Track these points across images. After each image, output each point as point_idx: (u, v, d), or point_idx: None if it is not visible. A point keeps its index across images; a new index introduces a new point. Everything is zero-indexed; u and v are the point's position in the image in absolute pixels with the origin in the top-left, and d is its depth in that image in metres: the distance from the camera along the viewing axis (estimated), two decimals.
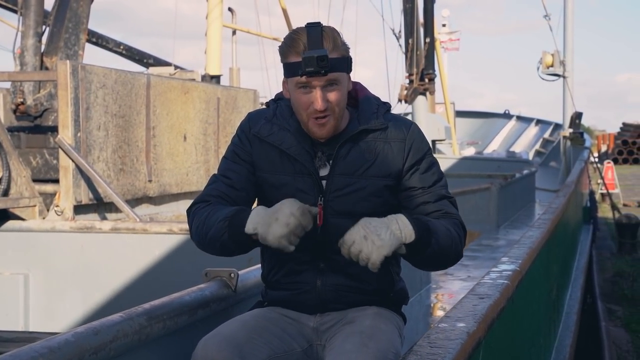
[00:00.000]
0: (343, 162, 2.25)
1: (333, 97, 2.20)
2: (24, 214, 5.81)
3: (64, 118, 5.64)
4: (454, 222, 2.25)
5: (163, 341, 2.00)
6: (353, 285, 2.27)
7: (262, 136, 2.29)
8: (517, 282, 3.06)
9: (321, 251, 2.26)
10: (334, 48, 2.19)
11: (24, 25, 7.57)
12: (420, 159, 2.29)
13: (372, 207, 2.24)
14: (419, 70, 13.46)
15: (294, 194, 2.22)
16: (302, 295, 2.26)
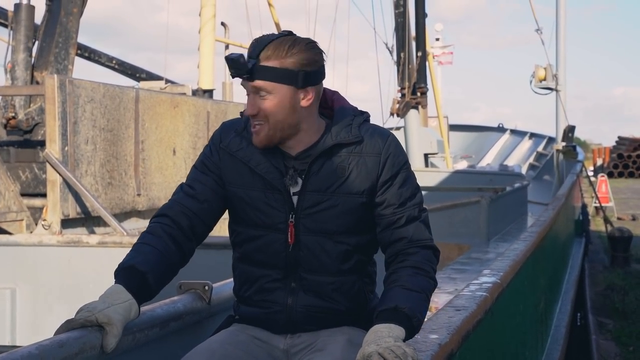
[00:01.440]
0: (315, 178, 2.19)
1: (262, 105, 2.15)
2: (11, 228, 5.81)
3: (52, 132, 5.65)
4: (423, 257, 2.17)
5: (133, 354, 2.00)
6: (324, 306, 2.21)
7: (231, 151, 2.25)
8: (496, 294, 3.05)
9: (293, 270, 2.21)
10: (274, 57, 2.13)
11: (14, 39, 7.59)
12: (395, 173, 2.21)
13: (346, 224, 2.20)
14: (411, 83, 13.51)
15: (265, 209, 2.19)
16: (272, 315, 2.21)
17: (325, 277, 2.20)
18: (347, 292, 2.23)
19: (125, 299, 1.95)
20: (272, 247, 2.20)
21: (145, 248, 2.11)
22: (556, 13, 17.93)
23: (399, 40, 13.69)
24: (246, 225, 2.23)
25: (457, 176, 14.41)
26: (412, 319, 2.02)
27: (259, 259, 2.22)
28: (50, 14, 7.41)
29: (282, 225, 2.19)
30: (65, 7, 7.37)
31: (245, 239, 2.24)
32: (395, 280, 2.13)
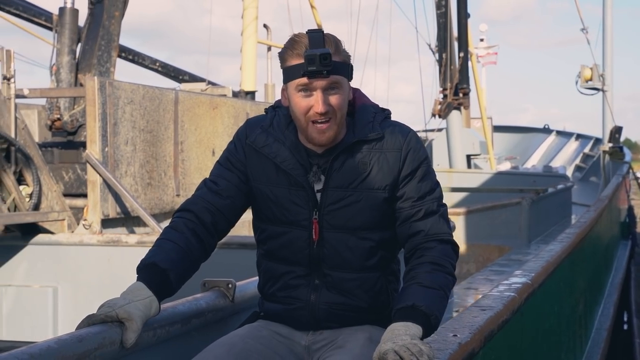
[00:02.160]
0: (337, 174, 2.19)
1: (334, 100, 2.14)
2: (53, 228, 5.91)
3: (92, 133, 5.74)
4: (440, 252, 2.17)
5: (153, 350, 2.03)
6: (347, 303, 2.22)
7: (256, 147, 2.25)
8: (526, 295, 3.03)
9: (316, 266, 2.22)
10: (336, 52, 2.14)
11: (59, 42, 7.74)
12: (415, 168, 2.22)
13: (369, 220, 2.20)
14: (453, 84, 13.42)
15: (289, 206, 2.21)
16: (295, 312, 2.23)
17: (349, 273, 2.21)
18: (369, 289, 2.24)
19: (145, 295, 1.98)
20: (296, 243, 2.21)
21: (167, 245, 2.14)
22: (603, 12, 17.67)
23: (441, 40, 13.62)
24: (270, 222, 2.25)
25: (500, 177, 14.28)
26: (430, 316, 2.02)
27: (283, 255, 2.24)
28: (93, 17, 7.53)
29: (305, 222, 2.20)
30: (108, 11, 7.49)
31: (269, 235, 2.26)
32: (413, 277, 2.13)
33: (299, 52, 2.13)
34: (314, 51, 2.09)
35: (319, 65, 2.08)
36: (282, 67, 2.19)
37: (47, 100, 7.48)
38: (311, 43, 2.12)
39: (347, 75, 2.19)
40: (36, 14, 10.36)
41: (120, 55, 11.83)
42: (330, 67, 2.09)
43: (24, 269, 5.83)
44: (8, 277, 5.85)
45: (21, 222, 5.71)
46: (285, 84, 2.20)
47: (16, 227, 5.81)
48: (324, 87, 2.13)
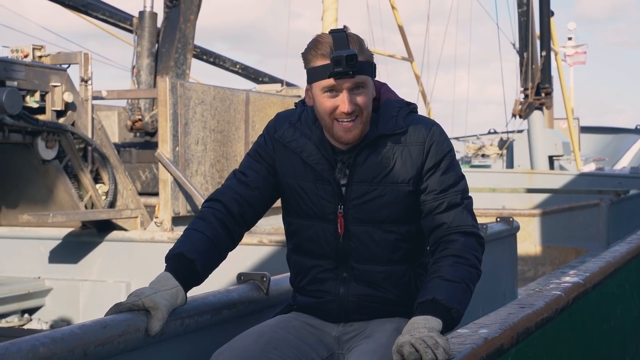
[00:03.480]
0: (361, 169, 2.22)
1: (360, 100, 2.16)
2: (126, 225, 6.10)
3: (163, 133, 5.90)
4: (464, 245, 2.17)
5: (181, 339, 2.08)
6: (375, 295, 2.24)
7: (284, 141, 2.29)
8: (575, 295, 2.97)
9: (343, 259, 2.25)
10: (360, 51, 2.15)
11: (139, 45, 7.98)
12: (438, 160, 2.23)
13: (394, 213, 2.22)
14: (535, 84, 13.17)
15: (315, 200, 2.24)
16: (325, 304, 2.26)
17: (376, 266, 2.24)
18: (397, 282, 2.25)
19: (172, 285, 2.04)
20: (323, 236, 2.25)
21: (195, 235, 2.20)
22: None
23: (522, 39, 13.39)
24: (298, 215, 2.29)
25: (583, 179, 13.93)
26: (451, 310, 2.02)
27: (310, 249, 2.28)
28: (169, 20, 7.73)
29: (331, 216, 2.23)
30: (184, 14, 7.68)
31: (297, 229, 2.30)
32: (435, 271, 2.14)
33: (323, 53, 2.14)
34: (341, 52, 2.09)
35: (346, 66, 2.09)
36: (305, 67, 2.21)
37: (128, 102, 7.72)
38: (335, 43, 2.13)
39: (371, 74, 2.21)
40: (122, 19, 10.71)
41: (202, 58, 12.15)
42: (356, 68, 2.10)
43: (99, 265, 6.04)
44: (84, 272, 6.07)
45: (96, 219, 5.91)
46: (309, 85, 2.22)
47: (92, 223, 6.02)
48: (349, 87, 2.15)
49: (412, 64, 16.54)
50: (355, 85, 2.15)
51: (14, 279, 6.07)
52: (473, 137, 22.21)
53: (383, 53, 15.97)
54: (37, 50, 6.18)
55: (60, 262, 6.11)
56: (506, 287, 4.90)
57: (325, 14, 14.18)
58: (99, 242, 6.07)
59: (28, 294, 5.99)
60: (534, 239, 8.31)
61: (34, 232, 6.16)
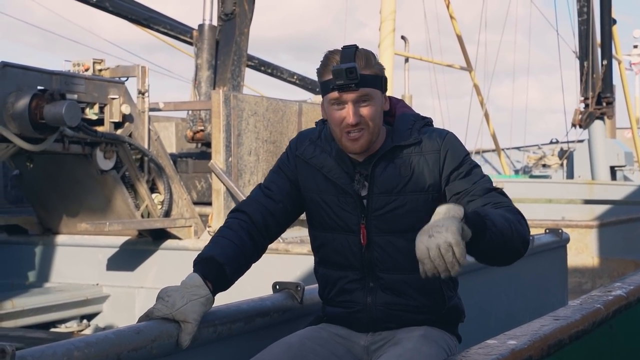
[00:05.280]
0: (380, 180, 2.29)
1: (366, 112, 2.23)
2: (181, 234, 6.23)
3: (217, 144, 6.02)
4: (507, 208, 2.21)
5: (214, 346, 2.15)
6: (402, 303, 2.29)
7: (305, 158, 2.38)
8: (616, 307, 2.94)
9: (369, 269, 2.31)
10: (366, 65, 2.23)
11: (199, 58, 8.15)
12: (458, 165, 2.29)
13: (416, 221, 2.22)
14: (595, 93, 12.97)
15: (338, 212, 2.31)
16: (354, 314, 2.31)
17: (400, 275, 2.29)
18: (423, 289, 2.29)
19: (202, 294, 2.09)
20: (348, 248, 2.31)
21: (223, 241, 2.28)
22: None
23: (582, 48, 13.21)
24: (322, 229, 2.37)
25: None
26: (484, 216, 2.06)
27: (336, 260, 2.35)
28: (224, 34, 7.87)
29: (355, 227, 2.30)
30: (239, 27, 7.83)
31: (322, 242, 2.38)
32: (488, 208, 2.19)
33: (330, 68, 2.23)
34: (341, 66, 2.18)
35: (346, 79, 2.17)
36: (318, 81, 2.31)
37: (188, 113, 7.89)
38: (342, 58, 2.22)
39: (380, 87, 2.28)
40: (182, 32, 10.94)
41: (260, 69, 12.32)
42: (356, 80, 2.17)
43: (154, 272, 6.18)
44: (140, 279, 6.22)
45: (151, 227, 6.06)
46: (322, 98, 2.32)
47: (148, 232, 6.17)
48: (354, 99, 2.22)
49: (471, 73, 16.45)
50: (360, 97, 2.22)
51: (73, 286, 6.25)
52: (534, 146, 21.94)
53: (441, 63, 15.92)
54: (97, 63, 6.37)
55: (118, 269, 6.27)
56: (556, 299, 4.86)
57: (383, 24, 14.22)
58: (154, 251, 6.22)
59: (87, 300, 6.17)
60: (592, 250, 8.19)
61: (92, 240, 6.34)
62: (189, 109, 7.34)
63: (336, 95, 2.22)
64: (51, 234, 6.47)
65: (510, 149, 21.40)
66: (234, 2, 7.93)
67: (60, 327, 6.08)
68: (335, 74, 2.18)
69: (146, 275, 6.23)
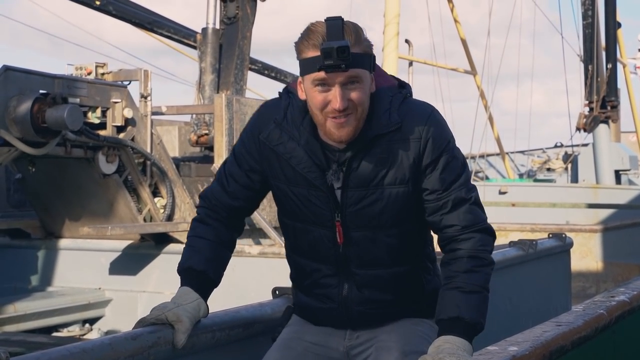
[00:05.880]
0: (355, 174, 2.09)
1: (354, 95, 2.00)
2: (183, 238, 6.19)
3: (219, 148, 6.02)
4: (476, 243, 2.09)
5: (212, 352, 2.13)
6: (380, 299, 2.17)
7: (270, 144, 2.14)
8: (619, 313, 2.92)
9: (344, 266, 2.16)
10: (356, 42, 1.99)
11: (203, 61, 8.14)
12: (436, 157, 2.09)
13: (394, 216, 2.12)
14: (600, 97, 12.94)
15: (310, 207, 2.13)
16: (329, 311, 2.20)
17: (379, 270, 2.16)
18: (402, 282, 2.19)
19: (193, 298, 2.10)
20: (322, 243, 2.15)
21: (199, 243, 2.21)
22: None
23: (587, 52, 13.19)
24: (294, 219, 2.19)
25: None
26: (476, 325, 2.03)
27: (309, 253, 2.20)
28: (227, 37, 7.87)
29: (329, 223, 2.13)
30: (242, 31, 7.81)
31: (294, 232, 2.21)
32: (452, 278, 2.08)
33: (314, 43, 1.99)
34: (331, 44, 1.93)
35: (337, 59, 1.93)
36: (297, 58, 2.05)
37: (193, 117, 7.88)
38: (328, 33, 1.96)
39: (369, 66, 2.04)
40: (185, 35, 10.95)
41: (264, 73, 12.32)
42: (348, 61, 1.94)
43: (156, 276, 6.17)
44: (142, 283, 6.21)
45: (154, 231, 6.05)
46: (301, 77, 2.07)
47: (150, 236, 6.16)
48: (342, 81, 1.99)
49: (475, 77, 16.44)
50: (349, 79, 1.99)
51: (75, 290, 6.24)
52: (538, 150, 21.91)
53: (445, 66, 15.91)
54: (100, 67, 6.37)
55: (120, 273, 6.26)
56: (559, 304, 4.83)
57: (387, 28, 14.22)
58: (156, 255, 6.21)
59: (89, 304, 6.16)
60: (596, 255, 8.15)
61: (95, 244, 6.33)
62: (192, 112, 7.34)
63: (322, 76, 1.98)
64: (53, 238, 6.46)
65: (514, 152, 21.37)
66: (237, 6, 7.92)
67: (62, 331, 6.07)
68: (324, 52, 1.93)
69: (148, 279, 6.22)
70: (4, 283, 6.43)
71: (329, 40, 1.96)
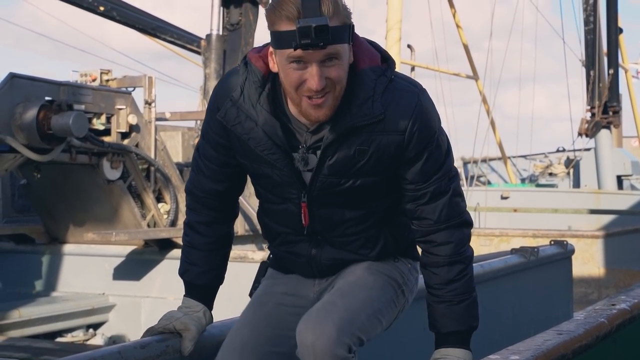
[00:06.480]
0: (330, 162, 1.96)
1: (333, 73, 1.84)
2: None
3: None
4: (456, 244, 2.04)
5: None
6: (350, 258, 2.11)
7: (228, 124, 1.98)
8: (620, 321, 2.95)
9: (313, 234, 2.09)
10: (334, 14, 1.81)
11: (207, 67, 8.18)
12: (421, 150, 1.98)
13: (365, 198, 2.04)
14: (602, 102, 12.98)
15: (275, 184, 2.03)
16: (299, 265, 2.14)
17: (348, 237, 2.09)
18: (374, 244, 2.11)
19: (199, 308, 2.15)
20: (290, 215, 2.07)
21: (194, 255, 2.17)
22: None
23: (589, 57, 13.24)
24: (264, 188, 2.08)
25: None
26: (471, 330, 2.09)
27: (279, 220, 2.11)
28: (230, 44, 7.91)
29: (295, 201, 2.04)
30: (245, 37, 7.86)
31: (265, 199, 2.11)
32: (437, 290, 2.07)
33: (288, 15, 1.81)
34: (309, 21, 1.77)
35: (315, 38, 1.77)
36: (269, 29, 1.88)
37: (197, 123, 7.92)
38: (304, 6, 1.79)
39: (348, 39, 1.87)
40: (189, 41, 10.99)
41: None
42: (327, 39, 1.78)
43: (160, 282, 6.20)
44: (146, 288, 6.24)
45: (158, 237, 6.09)
46: (273, 49, 1.89)
47: (154, 241, 6.20)
48: (320, 59, 1.83)
49: (477, 82, 16.46)
50: (327, 56, 1.83)
51: (79, 295, 6.28)
52: (540, 155, 21.92)
53: (448, 72, 15.94)
54: (105, 74, 6.42)
55: (124, 278, 6.30)
56: (561, 311, 4.86)
57: (389, 33, 14.22)
58: (160, 260, 6.24)
59: (93, 309, 6.20)
60: (597, 261, 8.18)
61: (99, 250, 6.37)
62: (196, 118, 7.39)
63: (298, 54, 1.81)
64: (58, 243, 6.50)
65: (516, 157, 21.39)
66: (240, 13, 7.98)
67: (66, 336, 6.11)
68: (301, 31, 1.77)
69: (152, 284, 6.26)
70: (8, 288, 6.47)
71: (305, 16, 1.79)
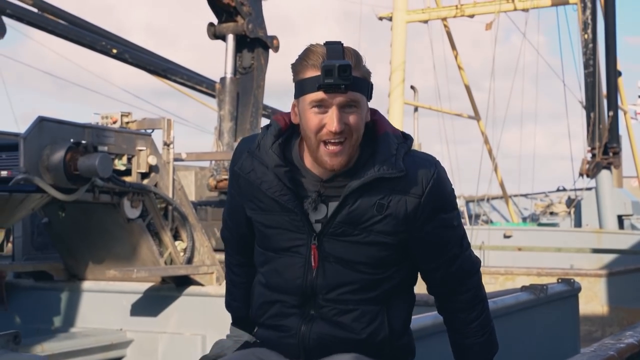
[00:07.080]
0: (348, 211, 2.02)
1: (352, 119, 1.95)
2: (203, 280, 6.43)
3: None
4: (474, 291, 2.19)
5: None
6: (341, 336, 2.09)
7: (243, 173, 2.11)
8: (628, 355, 3.11)
9: (312, 295, 2.10)
10: (356, 66, 1.95)
11: (222, 109, 8.42)
12: (434, 214, 2.07)
13: (375, 257, 2.08)
14: (602, 144, 13.23)
15: (284, 233, 2.09)
16: (285, 339, 2.14)
17: (346, 305, 2.09)
18: (368, 323, 2.11)
19: (244, 337, 2.36)
20: (290, 270, 2.10)
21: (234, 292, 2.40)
22: None
23: (589, 100, 13.53)
24: (267, 247, 2.15)
25: None
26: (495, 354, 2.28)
27: (276, 282, 2.14)
28: (242, 86, 8.18)
29: (302, 249, 2.08)
30: (257, 80, 8.13)
31: (264, 260, 2.17)
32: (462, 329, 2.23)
33: (314, 63, 1.95)
34: (333, 62, 1.89)
35: (337, 78, 1.88)
36: (294, 80, 2.00)
37: (212, 163, 8.14)
38: (329, 54, 1.93)
39: (367, 93, 2.00)
40: (198, 82, 11.29)
41: None
42: (349, 81, 1.90)
43: (176, 318, 6.36)
44: (163, 324, 6.40)
45: (175, 274, 6.26)
46: (296, 99, 2.02)
47: (171, 278, 6.37)
48: (340, 104, 1.94)
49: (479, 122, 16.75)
50: (348, 102, 1.95)
51: (98, 330, 6.42)
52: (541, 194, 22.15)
53: (450, 112, 16.24)
54: (125, 116, 6.65)
55: (141, 314, 6.45)
56: (568, 347, 5.01)
57: (393, 75, 14.57)
58: (177, 297, 6.41)
59: (111, 345, 6.34)
60: (601, 299, 8.34)
61: (117, 286, 6.52)
62: (211, 159, 7.62)
63: (321, 96, 1.93)
64: (76, 280, 6.66)
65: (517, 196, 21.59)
66: (252, 57, 8.25)
67: None
68: (325, 70, 1.88)
69: (168, 320, 6.41)
70: (28, 324, 6.62)
71: (329, 60, 1.92)
